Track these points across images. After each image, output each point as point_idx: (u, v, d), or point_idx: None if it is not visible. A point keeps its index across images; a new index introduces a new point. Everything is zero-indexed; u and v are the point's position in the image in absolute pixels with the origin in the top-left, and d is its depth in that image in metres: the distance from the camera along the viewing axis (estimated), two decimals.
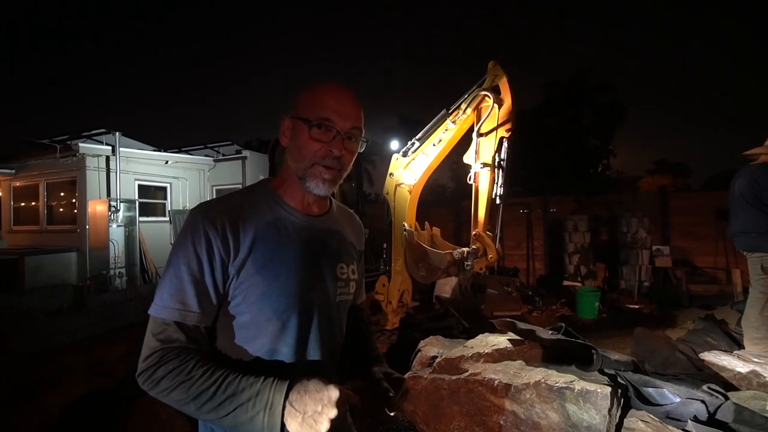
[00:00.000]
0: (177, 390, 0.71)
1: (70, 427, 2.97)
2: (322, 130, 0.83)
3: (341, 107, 0.84)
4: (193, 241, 0.77)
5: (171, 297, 0.76)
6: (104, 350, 4.72)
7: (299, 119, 0.84)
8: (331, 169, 0.85)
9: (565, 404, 1.94)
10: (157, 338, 0.75)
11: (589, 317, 5.85)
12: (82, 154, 7.25)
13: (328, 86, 0.87)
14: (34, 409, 3.24)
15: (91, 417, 3.11)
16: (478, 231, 3.96)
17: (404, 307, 4.41)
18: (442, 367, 2.52)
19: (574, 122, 16.14)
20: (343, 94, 0.86)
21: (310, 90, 0.87)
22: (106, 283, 6.91)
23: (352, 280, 0.96)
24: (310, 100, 0.85)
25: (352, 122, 0.86)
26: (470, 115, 3.98)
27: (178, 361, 0.72)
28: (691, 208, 7.52)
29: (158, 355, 0.73)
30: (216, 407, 0.70)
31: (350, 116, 0.85)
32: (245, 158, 9.25)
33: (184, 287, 0.76)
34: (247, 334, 0.81)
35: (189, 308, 0.76)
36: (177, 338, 0.75)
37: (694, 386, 1.98)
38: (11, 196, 8.59)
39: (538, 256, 8.60)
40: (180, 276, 0.76)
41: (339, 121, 0.83)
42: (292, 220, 0.87)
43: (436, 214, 8.63)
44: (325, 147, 0.83)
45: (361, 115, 0.88)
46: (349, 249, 0.98)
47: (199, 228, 0.78)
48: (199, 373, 0.71)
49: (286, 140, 0.89)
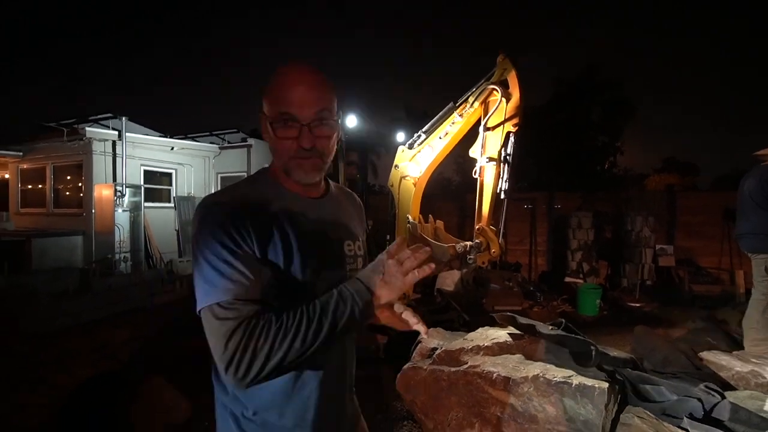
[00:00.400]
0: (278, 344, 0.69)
1: (75, 408, 3.03)
2: (286, 127, 0.82)
3: (299, 96, 0.81)
4: (222, 230, 0.75)
5: (219, 281, 0.72)
6: (109, 334, 4.80)
7: (266, 120, 0.84)
8: (308, 159, 0.85)
9: (562, 398, 1.96)
10: (227, 321, 0.70)
11: (590, 314, 5.86)
12: (89, 138, 7.29)
13: (283, 76, 0.83)
14: (41, 390, 3.32)
15: (96, 399, 3.17)
16: (481, 225, 3.95)
17: (406, 298, 4.44)
18: (442, 358, 2.54)
19: (582, 118, 15.97)
20: (299, 81, 0.82)
21: (269, 85, 0.84)
22: (111, 267, 7.00)
23: (359, 256, 0.97)
24: (270, 94, 0.83)
25: (315, 107, 0.82)
26: (477, 108, 3.94)
27: (263, 323, 0.70)
28: (699, 208, 7.45)
29: (240, 332, 0.69)
30: (317, 331, 0.72)
31: (311, 102, 0.82)
32: (250, 146, 9.27)
33: (241, 273, 0.73)
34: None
35: (244, 282, 0.72)
36: (245, 309, 0.70)
37: (691, 384, 2.00)
38: (18, 178, 8.67)
39: (541, 251, 8.59)
40: (228, 265, 0.73)
41: (300, 111, 0.81)
42: (297, 204, 0.89)
43: (440, 207, 8.63)
44: (294, 142, 0.83)
45: (326, 95, 0.84)
46: (353, 226, 1.00)
47: (218, 218, 0.77)
48: (286, 319, 0.71)
49: (266, 136, 0.88)
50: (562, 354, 2.32)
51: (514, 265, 8.23)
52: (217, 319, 0.71)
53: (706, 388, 1.92)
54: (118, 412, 2.85)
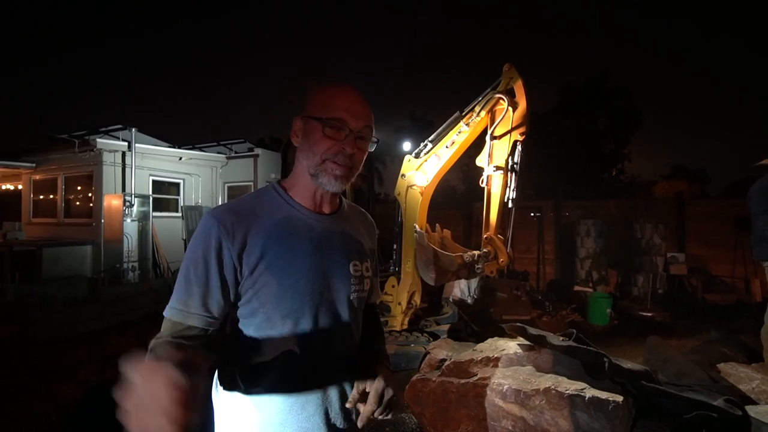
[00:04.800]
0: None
1: (82, 416, 3.03)
2: (334, 129, 0.85)
3: (353, 107, 0.86)
4: (204, 244, 0.80)
5: (178, 299, 0.79)
6: (117, 342, 4.82)
7: (312, 118, 0.86)
8: (342, 166, 0.86)
9: (575, 412, 1.91)
10: (158, 335, 0.77)
11: (600, 324, 5.76)
12: (99, 149, 7.40)
13: (339, 87, 0.88)
14: (48, 396, 3.33)
15: (102, 407, 3.17)
16: (489, 234, 3.93)
17: (413, 308, 4.40)
18: (451, 370, 2.51)
19: (589, 125, 15.92)
20: (353, 95, 0.88)
21: (320, 90, 0.89)
22: (119, 276, 7.05)
23: (366, 278, 0.95)
24: (321, 100, 0.87)
25: (364, 122, 0.87)
26: (484, 117, 3.95)
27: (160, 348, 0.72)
28: (710, 215, 7.33)
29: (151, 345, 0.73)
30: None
31: (361, 116, 0.87)
32: (257, 156, 9.33)
33: (191, 290, 0.78)
34: (263, 333, 0.83)
35: (191, 309, 0.78)
36: (175, 334, 0.76)
37: (709, 398, 1.94)
38: (31, 188, 8.81)
39: (549, 260, 8.50)
40: (188, 278, 0.79)
41: (351, 120, 0.85)
42: (304, 220, 0.88)
43: (446, 215, 8.59)
44: (337, 145, 0.85)
45: (371, 115, 0.90)
46: (362, 246, 0.98)
47: (210, 233, 0.80)
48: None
49: (298, 140, 0.90)
50: (574, 366, 2.27)
51: (521, 273, 8.15)
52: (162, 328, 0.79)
53: (725, 402, 1.86)
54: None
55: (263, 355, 0.83)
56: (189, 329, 0.77)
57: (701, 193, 17.03)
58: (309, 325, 0.84)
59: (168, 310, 0.79)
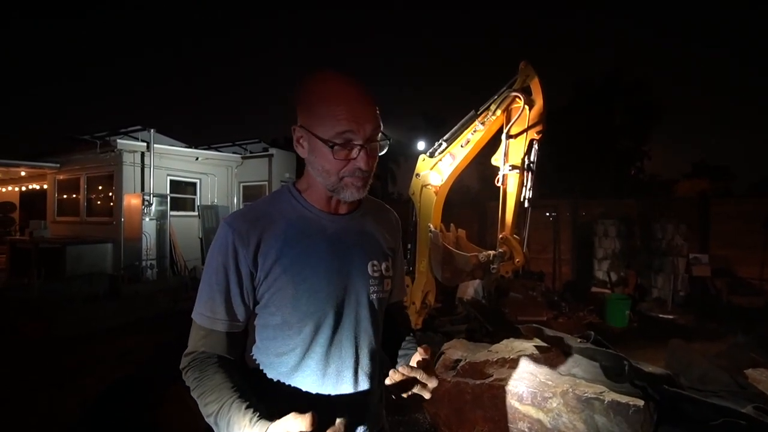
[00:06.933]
0: (193, 391, 0.79)
1: (105, 410, 3.12)
2: (345, 148, 0.78)
3: (357, 113, 0.76)
4: (222, 252, 0.81)
5: (204, 305, 0.82)
6: (136, 338, 4.94)
7: (316, 137, 0.78)
8: (362, 179, 0.82)
9: (594, 415, 1.87)
10: (193, 341, 0.83)
11: (619, 326, 5.63)
12: (120, 150, 7.61)
13: (336, 91, 0.77)
14: (70, 391, 3.43)
15: (122, 403, 3.25)
16: (505, 234, 3.87)
17: (427, 308, 4.38)
18: (466, 370, 2.48)
19: (607, 122, 15.54)
20: (353, 95, 0.77)
21: (318, 97, 0.78)
22: (138, 273, 7.23)
23: (386, 277, 0.91)
24: (321, 111, 0.77)
25: (371, 126, 0.78)
26: (500, 116, 3.89)
27: (198, 372, 0.79)
28: (735, 215, 7.02)
29: (189, 359, 0.82)
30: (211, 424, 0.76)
31: (368, 119, 0.78)
32: (272, 156, 9.45)
33: (214, 296, 0.81)
34: (281, 335, 0.82)
35: (217, 316, 0.81)
36: (206, 344, 0.82)
37: (737, 405, 1.86)
38: (55, 188, 9.12)
39: (565, 260, 8.34)
40: (211, 286, 0.82)
41: (359, 130, 0.77)
42: (319, 221, 0.87)
43: (461, 215, 8.52)
44: (351, 163, 0.79)
45: (376, 111, 0.80)
46: (381, 245, 0.94)
47: (228, 239, 0.81)
48: (207, 391, 0.76)
49: (304, 150, 0.84)
50: (593, 368, 2.21)
51: (537, 274, 8.03)
52: (192, 331, 0.84)
53: (754, 410, 1.79)
54: (145, 416, 2.90)
55: (283, 355, 0.82)
56: (215, 333, 0.82)
57: (726, 191, 16.43)
58: (327, 327, 0.83)
59: (195, 315, 0.83)
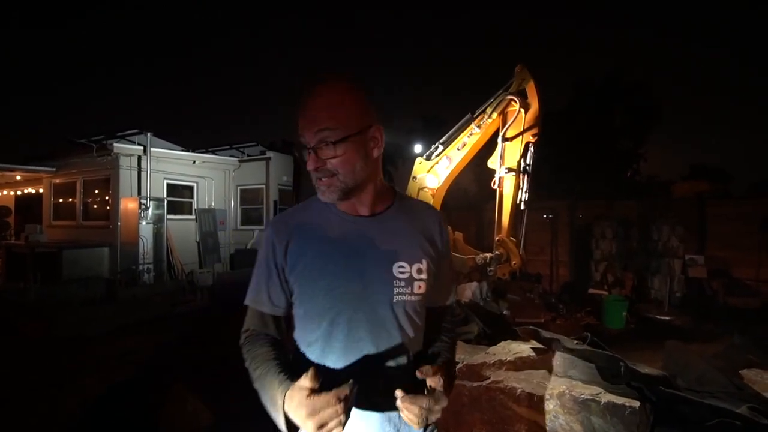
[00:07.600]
0: (245, 363, 0.91)
1: (105, 411, 3.11)
2: (300, 152, 0.87)
3: (303, 120, 0.83)
4: (265, 248, 0.94)
5: (252, 290, 0.96)
6: (134, 340, 4.93)
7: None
8: (321, 180, 0.86)
9: (590, 417, 1.87)
10: (246, 320, 0.97)
11: (616, 327, 5.65)
12: (116, 153, 7.58)
13: (301, 97, 0.84)
14: (69, 393, 3.42)
15: (123, 403, 3.24)
16: (501, 236, 3.89)
17: None
18: (463, 373, 2.48)
19: (607, 123, 15.56)
20: (307, 101, 0.82)
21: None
22: (135, 277, 7.19)
23: (417, 280, 0.89)
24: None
25: (313, 128, 0.81)
26: (496, 119, 3.92)
27: (249, 345, 0.92)
28: (732, 216, 7.03)
29: (244, 336, 0.95)
30: (256, 388, 0.87)
31: (312, 122, 0.82)
32: (269, 159, 9.44)
33: (259, 284, 0.94)
34: (306, 326, 0.92)
35: (261, 301, 0.94)
36: (256, 323, 0.95)
37: (732, 406, 1.87)
38: (51, 192, 9.06)
39: (563, 262, 8.37)
40: (257, 275, 0.95)
41: (305, 134, 0.83)
42: (342, 224, 0.91)
43: (458, 218, 8.53)
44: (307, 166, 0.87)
45: (327, 113, 0.81)
46: (413, 246, 0.92)
47: (267, 237, 0.95)
48: (255, 360, 0.88)
49: None
50: (589, 370, 2.22)
51: (534, 276, 8.05)
52: (247, 314, 0.98)
53: (749, 410, 1.80)
54: (145, 416, 2.89)
55: (309, 343, 0.91)
56: (263, 315, 0.94)
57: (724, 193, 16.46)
58: (342, 324, 0.87)
59: (247, 300, 0.96)
